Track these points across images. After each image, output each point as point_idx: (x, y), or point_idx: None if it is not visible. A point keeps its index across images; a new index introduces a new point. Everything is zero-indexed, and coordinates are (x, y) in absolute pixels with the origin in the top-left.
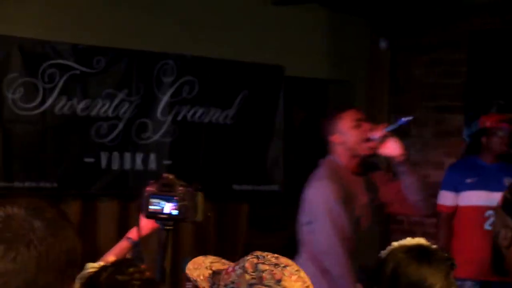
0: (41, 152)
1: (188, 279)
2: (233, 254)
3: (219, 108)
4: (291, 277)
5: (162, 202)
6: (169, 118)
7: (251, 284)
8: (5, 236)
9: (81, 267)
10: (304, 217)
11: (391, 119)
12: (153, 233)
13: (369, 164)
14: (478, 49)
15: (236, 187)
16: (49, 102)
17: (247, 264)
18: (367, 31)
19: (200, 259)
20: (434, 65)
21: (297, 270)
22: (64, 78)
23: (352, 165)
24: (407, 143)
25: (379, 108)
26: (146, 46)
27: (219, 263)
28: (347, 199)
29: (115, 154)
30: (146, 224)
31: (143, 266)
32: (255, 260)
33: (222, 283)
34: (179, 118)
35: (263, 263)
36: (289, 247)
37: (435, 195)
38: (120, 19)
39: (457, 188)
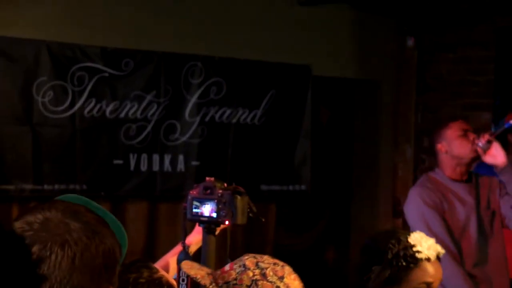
0: (70, 154)
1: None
2: (261, 252)
3: (247, 108)
4: (291, 275)
5: (202, 205)
6: (197, 119)
7: (255, 280)
8: (41, 236)
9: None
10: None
11: (418, 118)
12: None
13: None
14: (505, 45)
15: (264, 187)
16: (78, 105)
17: (247, 263)
18: (394, 30)
19: (188, 263)
20: (461, 62)
21: (293, 270)
22: (93, 80)
23: (457, 173)
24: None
25: (407, 107)
26: (174, 48)
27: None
28: (447, 207)
29: (144, 156)
30: (198, 233)
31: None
32: (254, 259)
33: (220, 281)
34: (207, 119)
35: (263, 262)
36: (316, 247)
37: None
38: (148, 22)
39: None
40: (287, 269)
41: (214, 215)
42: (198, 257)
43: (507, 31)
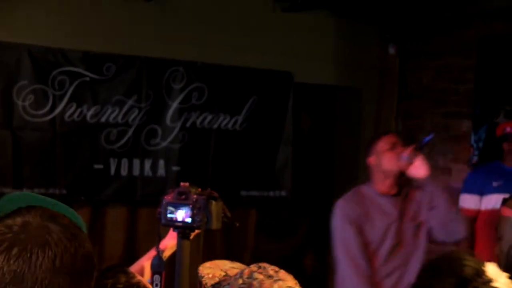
0: (50, 158)
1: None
2: (240, 260)
3: (228, 114)
4: None
5: (177, 210)
6: (178, 124)
7: (213, 285)
8: (20, 238)
9: None
10: None
11: (399, 125)
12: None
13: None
14: (487, 55)
15: (244, 193)
16: (59, 109)
17: (246, 271)
18: (376, 37)
19: (222, 262)
20: (442, 71)
21: (289, 286)
22: (74, 85)
23: (386, 186)
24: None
25: (388, 114)
26: (156, 53)
27: (238, 270)
28: (367, 220)
29: (124, 161)
30: (171, 239)
31: (163, 273)
32: (254, 269)
33: (224, 283)
34: (188, 124)
35: (260, 273)
36: (297, 253)
37: None
38: (130, 26)
39: (482, 191)
40: (279, 284)
41: (189, 220)
42: (173, 262)
43: (488, 40)
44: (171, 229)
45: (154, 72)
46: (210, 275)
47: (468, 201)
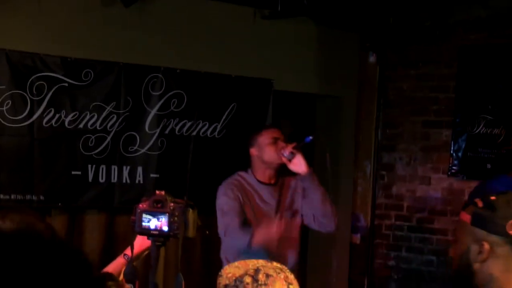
0: (28, 164)
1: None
2: (219, 268)
3: (207, 121)
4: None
5: (153, 219)
6: (157, 131)
7: (225, 285)
8: None
9: None
10: None
11: (378, 134)
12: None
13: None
14: (467, 64)
15: None
16: (37, 114)
17: (245, 277)
18: (356, 45)
19: (253, 261)
20: (423, 79)
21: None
22: (53, 90)
23: (266, 176)
24: (395, 157)
25: (368, 123)
26: (135, 59)
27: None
28: (247, 202)
29: (102, 167)
30: (140, 242)
31: (136, 282)
32: (250, 279)
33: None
34: (167, 131)
35: (250, 276)
36: None
37: (420, 209)
38: (109, 33)
39: None
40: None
41: (166, 228)
42: (146, 271)
43: (469, 50)
44: (137, 236)
45: (133, 79)
46: (230, 274)
47: None
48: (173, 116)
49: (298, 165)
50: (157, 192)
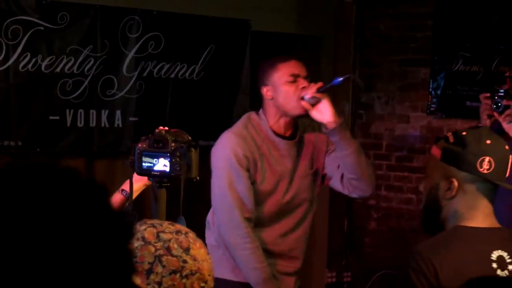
0: (4, 110)
1: None
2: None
3: (185, 63)
4: (196, 243)
5: (154, 159)
6: (135, 74)
7: (158, 256)
8: None
9: None
10: None
11: (356, 74)
12: (147, 189)
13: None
14: (444, 2)
15: (202, 142)
16: (12, 59)
17: (146, 235)
18: None
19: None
20: (400, 19)
21: (196, 236)
22: (28, 34)
23: (280, 126)
24: (373, 96)
25: (345, 63)
26: (111, 1)
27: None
28: (259, 165)
29: (81, 112)
30: (138, 181)
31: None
32: (153, 230)
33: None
34: (145, 74)
35: (163, 232)
36: None
37: (399, 147)
38: None
39: None
40: (191, 237)
41: (167, 169)
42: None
43: None
44: (134, 173)
45: (109, 21)
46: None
47: None
48: (151, 59)
49: (324, 112)
50: (157, 130)
